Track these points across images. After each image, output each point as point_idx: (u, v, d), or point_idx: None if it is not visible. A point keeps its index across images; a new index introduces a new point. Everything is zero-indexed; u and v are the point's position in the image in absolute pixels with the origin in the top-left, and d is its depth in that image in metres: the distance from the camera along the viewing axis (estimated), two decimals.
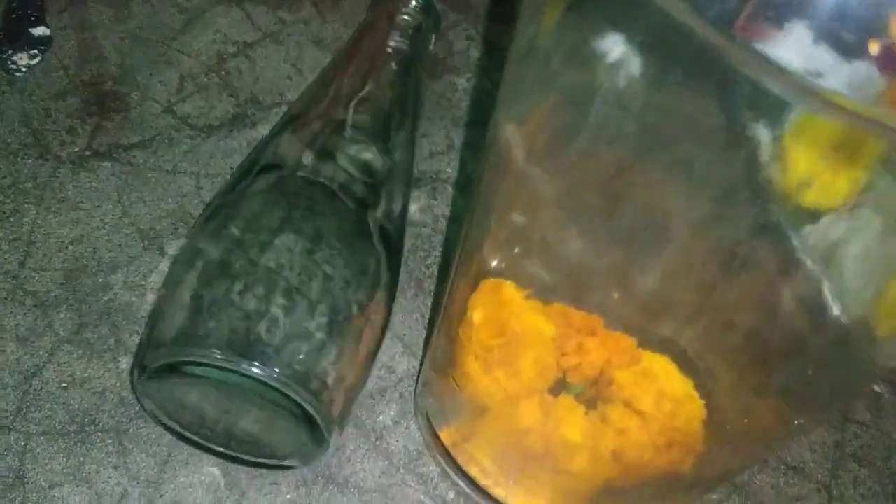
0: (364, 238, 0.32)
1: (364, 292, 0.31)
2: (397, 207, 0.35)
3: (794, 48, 0.16)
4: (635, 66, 0.22)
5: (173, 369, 0.29)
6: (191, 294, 0.29)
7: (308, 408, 0.28)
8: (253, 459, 0.33)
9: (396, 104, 0.39)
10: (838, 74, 0.16)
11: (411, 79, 0.41)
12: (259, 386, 0.28)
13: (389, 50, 0.41)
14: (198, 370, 0.28)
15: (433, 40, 0.46)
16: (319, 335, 0.29)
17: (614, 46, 0.22)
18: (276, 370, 0.28)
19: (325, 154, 0.34)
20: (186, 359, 0.28)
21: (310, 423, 0.29)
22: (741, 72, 0.21)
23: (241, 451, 0.32)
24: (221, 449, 0.33)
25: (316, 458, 0.32)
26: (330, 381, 0.29)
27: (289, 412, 0.29)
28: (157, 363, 0.29)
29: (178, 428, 0.32)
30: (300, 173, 0.33)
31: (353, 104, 0.37)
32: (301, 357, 0.28)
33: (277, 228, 0.30)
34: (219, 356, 0.28)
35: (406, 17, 0.43)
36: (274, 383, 0.28)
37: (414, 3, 0.43)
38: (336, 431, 0.30)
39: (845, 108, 0.16)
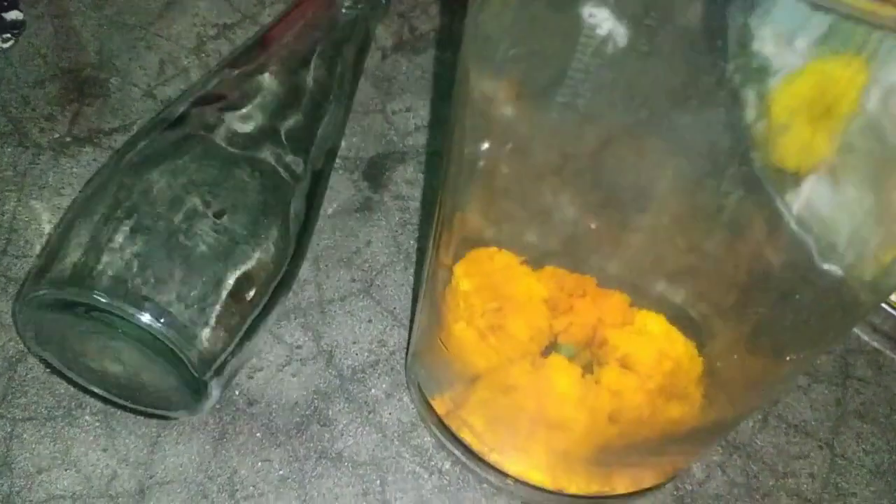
0: (238, 176, 0.32)
1: (237, 229, 0.31)
2: (303, 159, 0.35)
3: None
4: (620, 17, 0.22)
5: (58, 305, 0.29)
6: (82, 233, 0.30)
7: (179, 352, 0.29)
8: (135, 407, 0.33)
9: (330, 73, 0.38)
10: None
11: (346, 50, 0.40)
12: (139, 331, 0.28)
13: (327, 19, 0.40)
14: (81, 310, 0.29)
15: (382, 14, 0.45)
16: (202, 287, 0.29)
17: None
18: (154, 316, 0.28)
19: (217, 105, 0.34)
20: (70, 297, 0.28)
21: (187, 371, 0.29)
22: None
23: (122, 398, 0.32)
24: (103, 392, 0.32)
25: (198, 410, 0.32)
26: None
27: (164, 358, 0.29)
28: (42, 295, 0.29)
29: (59, 365, 0.32)
30: (204, 132, 0.33)
31: (283, 69, 0.36)
32: (181, 306, 0.29)
33: (174, 180, 0.31)
34: (102, 299, 0.28)
35: None
36: (152, 330, 0.28)
37: None
38: (214, 382, 0.30)
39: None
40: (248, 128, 0.33)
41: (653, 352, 0.29)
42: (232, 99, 0.34)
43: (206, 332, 0.29)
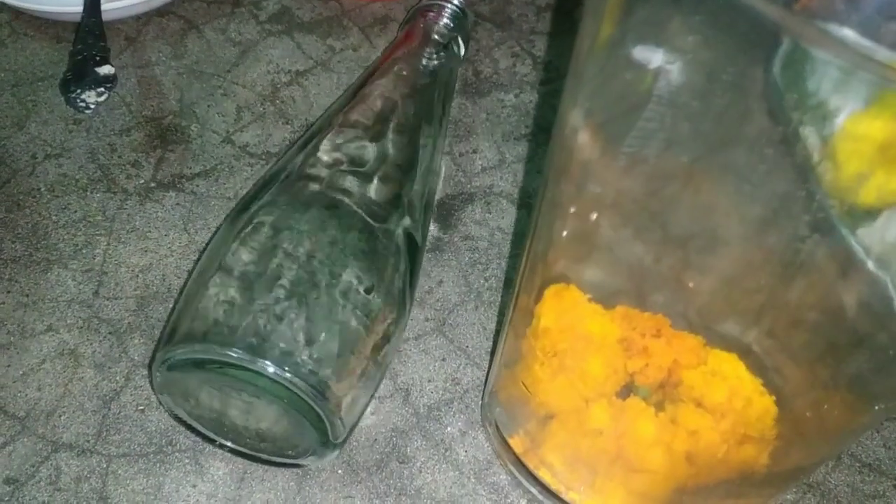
0: (378, 248, 0.33)
1: (379, 304, 0.32)
2: (419, 222, 0.36)
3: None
4: (688, 66, 0.23)
5: (192, 364, 0.30)
6: (212, 294, 0.31)
7: (314, 405, 0.30)
8: (262, 457, 0.34)
9: (424, 120, 0.39)
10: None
11: (437, 94, 0.42)
12: (272, 385, 0.30)
13: (420, 66, 0.42)
14: (216, 367, 0.30)
15: (463, 56, 0.47)
16: (332, 342, 0.31)
17: (664, 50, 0.22)
18: (288, 370, 0.29)
19: (345, 168, 0.35)
20: (205, 356, 0.30)
21: (318, 422, 0.31)
22: (798, 62, 0.21)
23: (252, 449, 0.34)
24: (235, 446, 0.34)
25: (326, 460, 0.33)
26: (336, 381, 0.30)
27: (298, 411, 0.30)
28: (177, 358, 0.30)
29: (193, 423, 0.34)
30: (319, 187, 0.34)
31: (382, 120, 0.38)
32: (309, 357, 0.30)
33: (303, 238, 0.32)
34: (236, 355, 0.29)
35: (436, 35, 0.44)
36: (285, 382, 0.29)
37: (443, 22, 0.45)
38: (342, 431, 0.31)
39: None
40: (381, 197, 0.35)
41: (725, 391, 0.30)
42: (359, 163, 0.36)
43: (342, 390, 0.31)
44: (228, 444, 0.34)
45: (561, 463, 0.32)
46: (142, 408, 0.36)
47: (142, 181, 0.44)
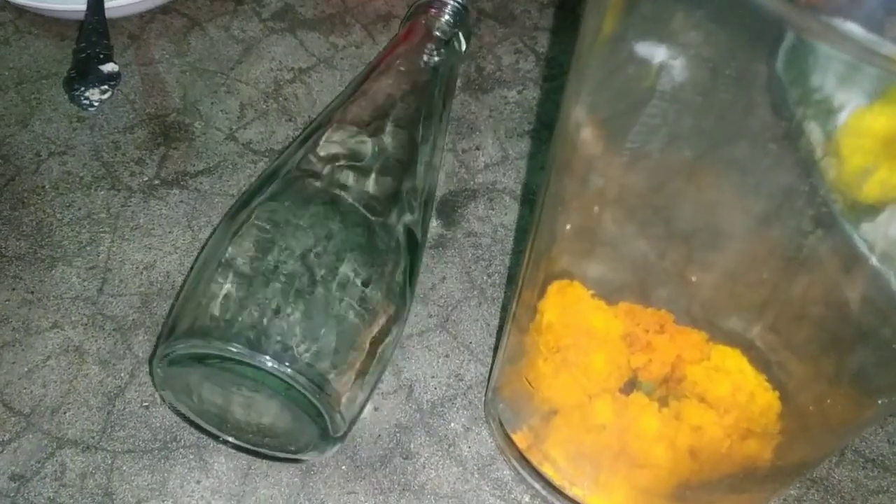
0: (376, 243, 0.33)
1: (378, 298, 0.32)
2: (417, 216, 0.36)
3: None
4: (691, 62, 0.23)
5: (193, 359, 0.30)
6: (212, 290, 0.31)
7: (313, 399, 0.30)
8: (265, 451, 0.34)
9: (424, 116, 0.40)
10: None
11: (438, 90, 0.42)
12: (272, 379, 0.30)
13: (421, 62, 0.42)
14: (216, 362, 0.30)
15: (464, 51, 0.47)
16: (331, 336, 0.31)
17: (667, 46, 0.22)
18: (287, 364, 0.29)
19: (344, 163, 0.35)
20: (205, 351, 0.30)
21: (318, 417, 0.31)
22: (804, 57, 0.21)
23: (254, 444, 0.34)
24: (237, 441, 0.34)
25: (327, 454, 0.33)
26: (339, 379, 0.31)
27: (298, 406, 0.30)
28: (177, 354, 0.30)
29: (196, 418, 0.34)
30: (318, 182, 0.34)
31: (382, 115, 0.38)
32: (306, 351, 0.30)
33: (301, 234, 0.32)
34: (235, 350, 0.29)
35: (439, 31, 0.44)
36: (284, 377, 0.29)
37: (447, 17, 0.45)
38: (342, 425, 0.32)
39: None
40: (379, 192, 0.35)
41: (729, 386, 0.30)
42: (358, 159, 0.36)
43: (341, 385, 0.31)
44: (231, 439, 0.34)
45: (564, 458, 0.32)
46: (146, 404, 0.36)
47: (145, 178, 0.44)
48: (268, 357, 0.29)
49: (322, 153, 0.36)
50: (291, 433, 0.32)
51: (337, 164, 0.35)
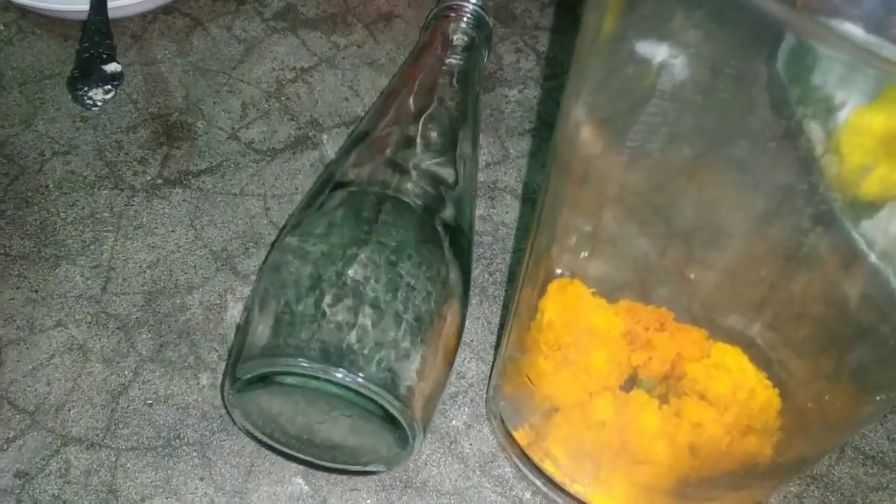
0: (439, 248, 0.33)
1: (442, 300, 0.32)
2: (467, 217, 0.36)
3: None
4: (691, 61, 0.23)
5: (263, 380, 0.30)
6: (278, 307, 0.30)
7: (394, 411, 0.29)
8: (337, 466, 0.34)
9: (459, 118, 0.40)
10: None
11: (469, 93, 0.42)
12: (347, 392, 0.29)
13: (447, 67, 0.42)
14: (287, 379, 0.29)
15: (486, 55, 0.47)
16: (403, 343, 0.30)
17: (667, 45, 0.23)
18: (362, 376, 0.29)
19: (398, 169, 0.35)
20: (276, 369, 0.29)
21: (395, 428, 0.30)
22: (800, 59, 0.21)
23: (325, 459, 0.33)
24: (306, 457, 0.34)
25: (401, 463, 0.33)
26: (414, 386, 0.30)
27: (376, 417, 0.30)
28: (248, 374, 0.30)
29: (265, 438, 0.33)
30: (374, 189, 0.34)
31: (421, 121, 0.38)
32: (386, 364, 0.29)
33: (360, 241, 0.32)
34: (306, 365, 0.29)
35: (460, 35, 0.44)
36: (361, 389, 0.29)
37: (466, 22, 0.45)
38: (420, 435, 0.31)
39: None
40: (437, 193, 0.35)
41: (729, 383, 0.30)
42: (402, 160, 0.36)
43: (416, 389, 0.30)
44: (301, 455, 0.34)
45: (565, 455, 0.32)
46: (150, 402, 0.37)
47: (148, 178, 0.44)
48: (341, 369, 0.29)
49: (381, 163, 0.36)
50: (367, 445, 0.32)
51: (392, 171, 0.35)
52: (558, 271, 0.30)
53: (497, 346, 0.39)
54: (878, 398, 0.26)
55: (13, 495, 0.34)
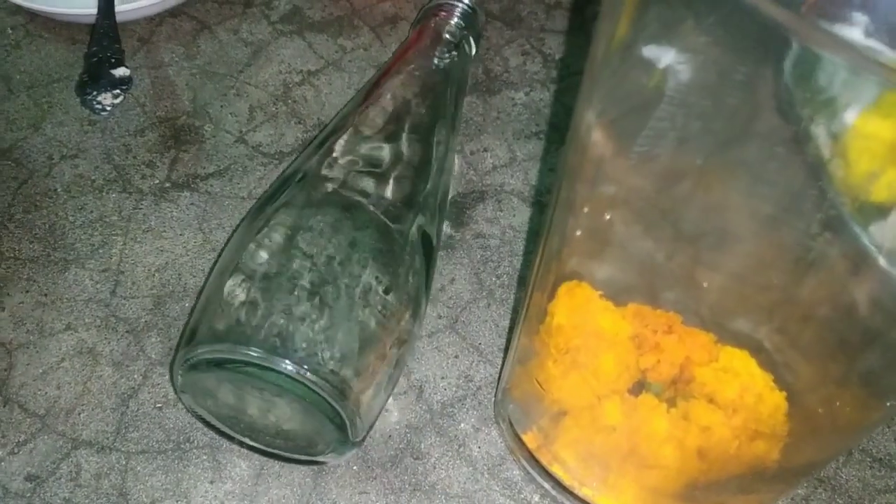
0: (395, 248, 0.34)
1: (394, 299, 0.33)
2: (432, 219, 0.37)
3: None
4: (699, 66, 0.23)
5: (214, 364, 0.31)
6: (231, 295, 0.31)
7: (334, 404, 0.30)
8: (283, 454, 0.35)
9: (437, 118, 0.40)
10: None
11: (452, 93, 0.42)
12: (294, 384, 0.30)
13: (423, 67, 0.42)
14: (236, 366, 0.30)
15: (472, 53, 0.47)
16: (352, 341, 0.31)
17: (676, 51, 0.23)
18: (306, 367, 0.30)
19: (361, 168, 0.36)
20: (227, 356, 0.30)
21: (338, 421, 0.31)
22: (806, 64, 0.22)
23: (271, 446, 0.34)
24: (253, 443, 0.35)
25: (345, 456, 0.34)
26: (356, 381, 0.31)
27: (319, 410, 0.31)
28: (198, 358, 0.30)
29: (214, 421, 0.34)
30: (335, 188, 0.35)
31: (394, 120, 0.38)
32: (330, 357, 0.30)
33: (315, 237, 0.32)
34: (257, 354, 0.30)
35: (449, 34, 0.44)
36: (307, 382, 0.30)
37: (456, 20, 0.45)
38: (362, 430, 0.32)
39: None
40: (396, 197, 0.35)
41: (737, 387, 0.30)
42: (375, 164, 0.36)
43: (362, 390, 0.31)
44: (248, 441, 0.34)
45: (574, 459, 0.32)
46: (160, 405, 0.37)
47: (156, 181, 0.44)
48: (290, 361, 0.30)
49: (338, 158, 0.36)
50: (310, 436, 0.32)
51: (354, 169, 0.35)
52: (568, 274, 0.30)
53: (506, 350, 0.39)
54: (887, 404, 0.26)
55: (24, 499, 0.34)
